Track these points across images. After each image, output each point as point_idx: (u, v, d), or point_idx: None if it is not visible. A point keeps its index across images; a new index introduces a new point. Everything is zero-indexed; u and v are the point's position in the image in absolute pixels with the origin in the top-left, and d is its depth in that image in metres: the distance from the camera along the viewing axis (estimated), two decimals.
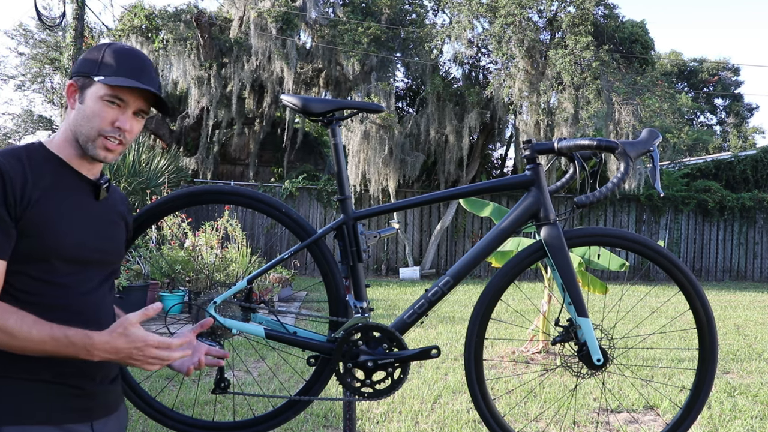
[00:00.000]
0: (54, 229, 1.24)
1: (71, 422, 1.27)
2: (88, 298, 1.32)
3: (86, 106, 1.30)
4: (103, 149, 1.32)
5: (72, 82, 1.32)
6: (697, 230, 14.41)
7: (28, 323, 1.17)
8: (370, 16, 12.87)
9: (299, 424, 3.27)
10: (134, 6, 13.20)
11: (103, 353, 1.20)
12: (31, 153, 1.27)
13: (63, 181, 1.29)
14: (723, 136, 30.66)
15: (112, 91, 1.30)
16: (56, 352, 1.19)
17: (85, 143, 1.31)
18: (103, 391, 1.34)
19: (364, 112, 3.85)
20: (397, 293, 9.52)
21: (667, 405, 3.80)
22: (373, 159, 11.97)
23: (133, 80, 1.31)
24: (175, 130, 14.48)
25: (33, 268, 1.23)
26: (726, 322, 7.39)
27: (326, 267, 1.77)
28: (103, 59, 1.32)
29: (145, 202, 9.25)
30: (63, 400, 1.27)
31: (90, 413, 1.32)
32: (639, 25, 12.38)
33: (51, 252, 1.24)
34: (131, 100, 1.33)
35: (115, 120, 1.31)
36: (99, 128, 1.30)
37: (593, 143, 1.69)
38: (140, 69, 1.34)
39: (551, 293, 5.19)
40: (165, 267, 6.89)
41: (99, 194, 1.36)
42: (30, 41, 22.26)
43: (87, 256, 1.31)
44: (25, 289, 1.23)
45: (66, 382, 1.26)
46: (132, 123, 1.34)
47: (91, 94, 1.30)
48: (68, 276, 1.28)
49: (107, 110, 1.30)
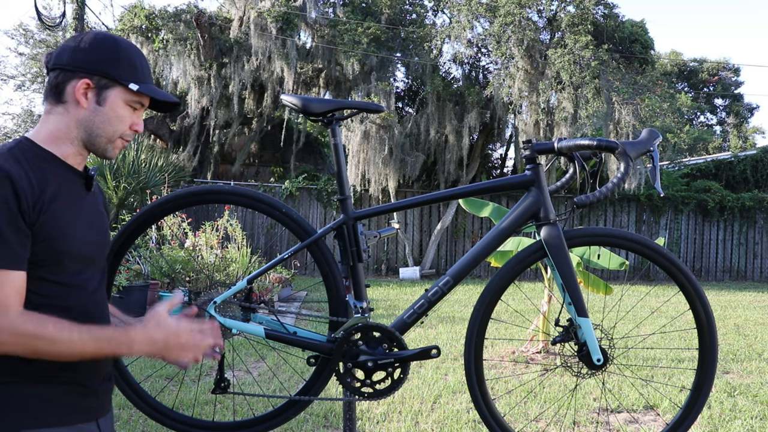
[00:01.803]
0: (64, 230, 1.23)
1: (82, 422, 1.28)
2: (94, 296, 1.33)
3: (108, 109, 1.29)
4: (118, 149, 1.35)
5: (88, 81, 1.26)
6: (697, 230, 14.41)
7: (66, 327, 1.17)
8: (370, 16, 12.87)
9: (299, 424, 3.27)
10: (134, 6, 13.20)
11: (143, 346, 1.24)
12: (26, 153, 1.23)
13: (62, 179, 1.28)
14: (723, 136, 30.66)
15: (138, 97, 1.32)
16: (97, 352, 1.20)
17: (104, 144, 1.31)
18: (104, 389, 1.35)
19: (364, 112, 3.86)
20: (397, 293, 9.52)
21: (667, 405, 3.80)
22: (373, 159, 11.97)
23: (154, 86, 1.35)
24: (175, 130, 14.48)
25: (47, 270, 1.22)
26: (726, 322, 7.39)
27: (326, 267, 1.77)
28: (119, 59, 1.29)
29: (145, 202, 9.26)
30: (75, 400, 1.27)
31: (96, 412, 1.33)
32: (639, 24, 12.37)
33: (62, 253, 1.23)
34: (146, 102, 1.36)
35: (134, 123, 1.34)
36: (122, 132, 1.32)
37: (593, 143, 1.69)
38: (149, 69, 1.37)
39: (551, 293, 5.19)
40: (165, 267, 6.89)
41: (90, 186, 1.35)
42: (30, 41, 22.25)
43: (89, 252, 1.31)
44: (41, 292, 1.22)
45: (78, 383, 1.27)
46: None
47: (113, 96, 1.29)
48: (77, 275, 1.28)
49: (130, 114, 1.32)
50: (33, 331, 1.14)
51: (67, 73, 1.27)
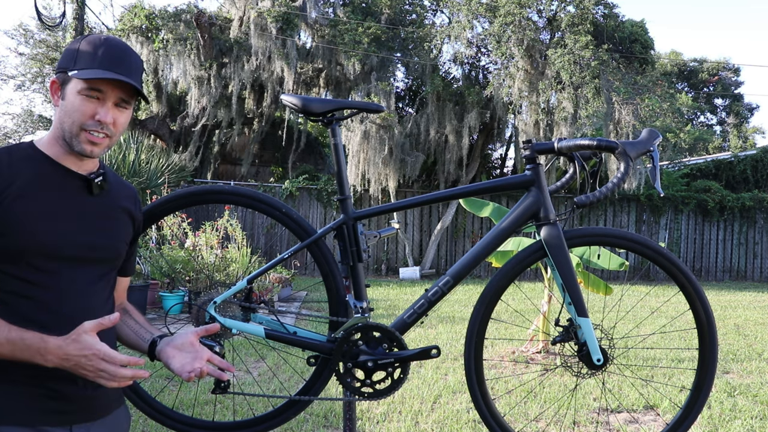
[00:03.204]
0: (30, 227, 1.23)
1: (47, 425, 1.25)
2: (78, 296, 1.30)
3: (67, 102, 1.29)
4: (88, 143, 1.30)
5: (54, 80, 1.31)
6: (697, 230, 14.41)
7: None
8: (370, 16, 12.87)
9: (299, 424, 3.27)
10: (134, 6, 13.20)
11: (55, 358, 1.18)
12: (14, 153, 1.28)
13: (46, 178, 1.28)
14: (723, 136, 30.66)
15: (89, 84, 1.28)
16: (12, 355, 1.18)
17: (70, 139, 1.30)
18: (86, 396, 1.31)
19: (364, 112, 3.86)
20: (397, 293, 9.52)
21: (667, 405, 3.80)
22: (373, 159, 11.97)
23: (108, 71, 1.28)
24: (175, 130, 14.48)
25: (9, 266, 1.22)
26: (726, 322, 7.39)
27: (326, 267, 1.77)
28: (78, 52, 1.30)
29: (145, 202, 9.25)
30: (36, 401, 1.25)
31: (69, 416, 1.29)
32: (639, 24, 12.37)
33: (28, 250, 1.23)
34: (109, 91, 1.30)
35: (95, 113, 1.29)
36: (80, 123, 1.29)
37: (593, 143, 1.69)
38: (118, 58, 1.31)
39: (551, 293, 5.19)
40: (165, 267, 6.89)
41: (92, 189, 1.34)
42: (30, 41, 22.24)
43: (71, 252, 1.30)
44: (8, 288, 1.23)
45: (40, 384, 1.25)
46: (115, 114, 1.31)
47: (70, 89, 1.29)
48: (53, 274, 1.26)
49: (86, 104, 1.29)
50: None
51: (56, 75, 1.33)
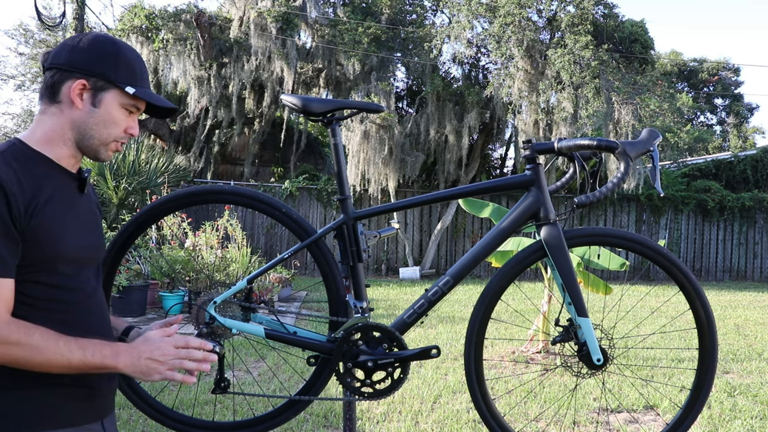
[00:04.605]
0: (56, 234, 1.22)
1: (88, 422, 1.28)
2: (94, 296, 1.33)
3: (104, 112, 1.27)
4: (113, 152, 1.34)
5: (84, 82, 1.25)
6: (697, 230, 14.41)
7: (53, 337, 1.16)
8: (370, 16, 12.87)
9: (299, 424, 3.27)
10: (134, 6, 13.20)
11: (128, 357, 1.23)
12: (18, 155, 1.21)
13: (55, 182, 1.25)
14: (723, 136, 30.65)
15: (134, 101, 1.30)
16: (83, 363, 1.19)
17: (96, 147, 1.29)
18: (109, 388, 1.35)
19: (364, 112, 3.86)
20: (397, 293, 9.52)
21: (667, 405, 3.80)
22: (372, 159, 11.97)
23: (151, 91, 1.35)
24: (175, 130, 14.48)
25: (43, 274, 1.21)
26: (726, 322, 7.39)
27: (326, 267, 1.77)
28: (118, 62, 1.28)
29: (145, 202, 9.25)
30: (81, 401, 1.27)
31: (101, 412, 1.33)
32: (639, 24, 12.37)
33: (56, 257, 1.22)
34: (142, 107, 1.34)
35: (129, 126, 1.33)
36: (116, 135, 1.30)
37: (593, 143, 1.69)
38: (147, 73, 1.37)
39: (551, 293, 5.19)
40: (165, 267, 6.89)
41: (84, 188, 1.33)
42: (30, 41, 22.24)
43: (83, 254, 1.30)
44: (39, 296, 1.21)
45: (83, 384, 1.26)
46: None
47: (109, 99, 1.27)
48: (73, 278, 1.26)
49: (125, 118, 1.31)
50: (17, 339, 1.12)
51: (64, 72, 1.25)
